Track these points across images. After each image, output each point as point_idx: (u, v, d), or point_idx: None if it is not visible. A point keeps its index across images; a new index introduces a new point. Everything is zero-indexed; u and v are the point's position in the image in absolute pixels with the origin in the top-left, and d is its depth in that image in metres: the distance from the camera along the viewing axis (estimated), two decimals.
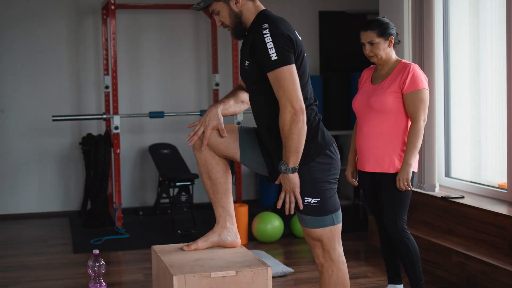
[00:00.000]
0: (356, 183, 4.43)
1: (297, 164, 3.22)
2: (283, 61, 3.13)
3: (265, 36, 3.15)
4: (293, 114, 3.12)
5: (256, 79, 3.27)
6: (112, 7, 6.82)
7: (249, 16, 3.32)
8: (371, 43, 4.18)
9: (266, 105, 3.30)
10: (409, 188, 4.11)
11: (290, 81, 3.13)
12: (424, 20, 5.74)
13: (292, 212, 3.32)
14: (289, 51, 3.16)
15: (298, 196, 3.28)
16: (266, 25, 3.17)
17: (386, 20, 4.23)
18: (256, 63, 3.21)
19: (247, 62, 3.30)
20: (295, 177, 3.24)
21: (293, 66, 3.16)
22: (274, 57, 3.12)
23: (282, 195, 3.30)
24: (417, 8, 5.82)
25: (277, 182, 3.35)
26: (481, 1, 5.54)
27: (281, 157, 3.27)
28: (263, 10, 3.33)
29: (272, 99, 3.24)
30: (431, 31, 5.69)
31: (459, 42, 5.81)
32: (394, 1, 6.23)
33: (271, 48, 3.13)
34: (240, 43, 7.21)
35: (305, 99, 3.27)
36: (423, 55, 5.76)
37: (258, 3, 3.35)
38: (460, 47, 5.79)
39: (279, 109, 3.16)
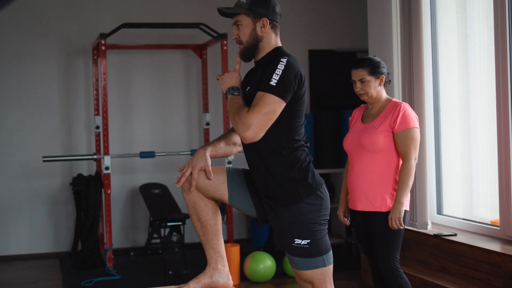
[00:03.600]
0: (348, 222, 4.41)
1: (231, 93, 3.26)
2: (277, 92, 3.14)
3: (280, 63, 3.18)
4: (241, 133, 3.13)
5: None
6: (103, 48, 6.84)
7: (267, 45, 3.35)
8: (362, 81, 4.20)
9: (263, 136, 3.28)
10: (401, 227, 4.09)
11: (269, 111, 3.12)
12: (414, 58, 5.77)
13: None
14: (290, 90, 3.18)
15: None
16: (286, 57, 3.22)
17: (377, 59, 4.26)
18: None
19: (248, 88, 3.30)
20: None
21: (282, 104, 3.15)
22: (273, 82, 3.13)
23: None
24: (407, 46, 5.86)
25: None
26: (469, 39, 5.58)
27: (268, 191, 3.27)
28: (281, 46, 3.39)
29: (269, 129, 3.22)
30: (420, 69, 5.73)
31: (448, 80, 5.84)
32: (383, 39, 6.27)
33: (277, 74, 3.14)
34: None
35: (298, 140, 3.28)
36: (413, 93, 5.78)
37: (279, 39, 3.38)
38: (450, 84, 5.82)
39: (246, 116, 3.14)
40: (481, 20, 5.41)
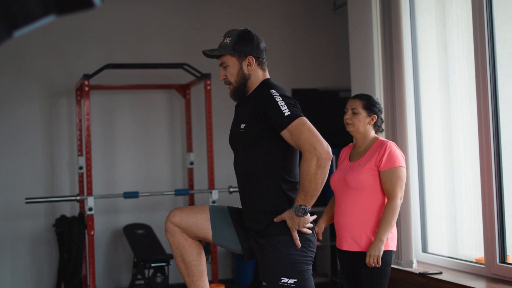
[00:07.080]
0: (318, 243, 4.36)
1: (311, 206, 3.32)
2: (296, 115, 3.17)
3: (275, 97, 3.21)
4: (318, 159, 3.11)
5: (251, 142, 3.27)
6: (86, 88, 6.84)
7: (255, 82, 3.38)
8: (353, 112, 4.23)
9: (257, 168, 3.30)
10: (378, 265, 4.06)
11: (309, 128, 3.16)
12: (396, 97, 5.81)
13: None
14: (298, 108, 3.23)
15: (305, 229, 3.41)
16: (274, 90, 3.26)
17: (378, 100, 4.31)
18: (262, 125, 3.24)
19: (243, 125, 3.32)
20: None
21: (306, 119, 3.19)
22: (287, 112, 3.16)
23: (295, 235, 3.35)
24: (389, 84, 5.90)
25: (286, 220, 3.37)
26: (451, 78, 5.63)
27: (257, 227, 3.27)
28: (268, 79, 3.42)
29: (264, 163, 3.26)
30: (403, 108, 5.76)
31: (431, 119, 5.87)
32: (365, 78, 6.31)
33: (283, 105, 3.18)
34: (220, 117, 7.26)
35: (291, 181, 3.31)
36: (396, 132, 5.81)
37: (267, 72, 3.42)
38: (432, 122, 5.86)
39: (302, 155, 3.15)
40: (462, 61, 5.47)
